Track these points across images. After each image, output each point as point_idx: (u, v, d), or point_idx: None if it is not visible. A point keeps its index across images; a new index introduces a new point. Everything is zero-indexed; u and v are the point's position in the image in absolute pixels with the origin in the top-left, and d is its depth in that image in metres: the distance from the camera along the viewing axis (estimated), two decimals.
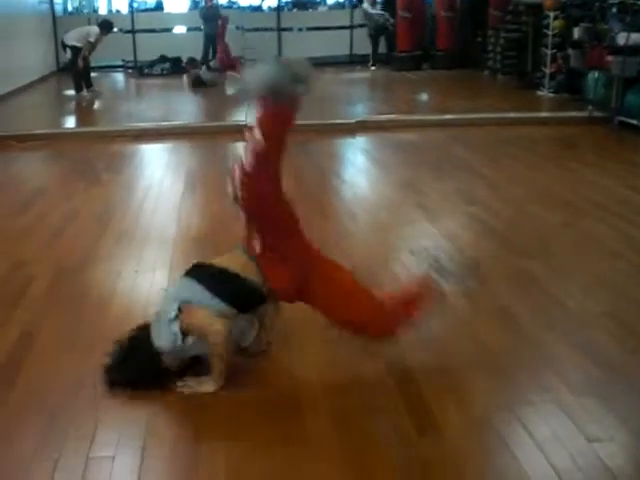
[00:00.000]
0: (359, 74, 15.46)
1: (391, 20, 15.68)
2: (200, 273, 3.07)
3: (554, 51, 11.31)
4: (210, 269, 3.08)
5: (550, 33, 11.30)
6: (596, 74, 9.41)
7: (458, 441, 2.67)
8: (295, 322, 3.54)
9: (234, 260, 3.09)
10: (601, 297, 3.92)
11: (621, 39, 8.69)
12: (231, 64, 13.65)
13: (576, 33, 10.47)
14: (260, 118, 2.87)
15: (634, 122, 8.51)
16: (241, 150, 2.94)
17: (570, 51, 10.78)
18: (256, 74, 2.87)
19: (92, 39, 11.78)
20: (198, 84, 13.15)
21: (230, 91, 12.36)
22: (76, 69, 11.99)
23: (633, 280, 4.12)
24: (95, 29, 11.91)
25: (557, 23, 11.23)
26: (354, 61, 16.61)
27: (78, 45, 11.73)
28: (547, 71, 11.48)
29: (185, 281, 3.08)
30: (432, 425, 2.76)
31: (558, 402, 2.88)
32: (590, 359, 3.21)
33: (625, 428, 2.71)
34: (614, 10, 9.32)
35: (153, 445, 2.67)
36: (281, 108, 2.85)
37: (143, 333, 3.06)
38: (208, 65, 14.23)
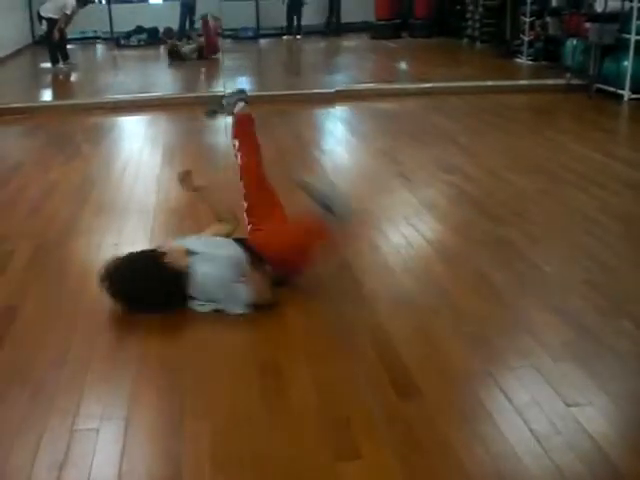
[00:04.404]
0: (337, 42, 15.39)
1: None
2: None
3: (532, 19, 11.31)
4: None
5: (528, 1, 11.29)
6: (574, 42, 9.42)
7: (439, 405, 2.70)
8: (277, 292, 3.59)
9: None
10: (578, 263, 3.96)
11: (599, 6, 8.69)
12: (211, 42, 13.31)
13: (554, 0, 10.46)
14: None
15: (612, 89, 8.54)
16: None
17: (548, 19, 10.79)
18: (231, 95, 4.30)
19: (68, 11, 11.66)
20: (175, 56, 12.93)
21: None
22: (52, 41, 11.87)
23: (609, 246, 4.16)
24: (71, 1, 11.75)
25: None
26: (334, 30, 16.53)
27: (54, 17, 11.60)
28: (526, 39, 11.48)
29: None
30: (414, 390, 2.80)
31: (537, 367, 2.92)
32: (568, 324, 3.25)
33: (603, 392, 2.75)
34: None
35: (137, 416, 2.70)
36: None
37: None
38: (189, 36, 14.06)
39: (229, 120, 4.30)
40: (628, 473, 2.33)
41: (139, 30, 15.75)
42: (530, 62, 11.34)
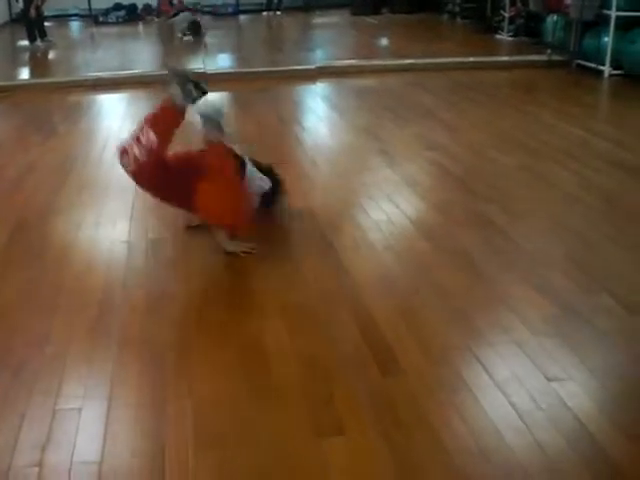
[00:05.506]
0: (318, 19, 15.31)
1: None
2: None
3: None
4: None
5: None
6: (555, 17, 9.42)
7: (421, 381, 2.72)
8: (259, 270, 3.60)
9: None
10: (558, 239, 3.98)
11: None
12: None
13: None
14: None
15: (592, 65, 8.56)
16: None
17: None
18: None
19: None
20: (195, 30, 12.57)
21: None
22: (29, 19, 11.73)
23: (590, 222, 4.19)
24: None
25: None
26: (314, 5, 16.44)
27: None
28: (506, 15, 11.47)
29: None
30: (395, 366, 2.81)
31: (517, 342, 2.94)
32: (548, 300, 3.28)
33: (584, 367, 2.77)
34: None
35: (119, 395, 2.69)
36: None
37: None
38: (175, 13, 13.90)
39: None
40: (609, 447, 2.34)
41: (117, 7, 15.59)
42: (511, 38, 11.35)
